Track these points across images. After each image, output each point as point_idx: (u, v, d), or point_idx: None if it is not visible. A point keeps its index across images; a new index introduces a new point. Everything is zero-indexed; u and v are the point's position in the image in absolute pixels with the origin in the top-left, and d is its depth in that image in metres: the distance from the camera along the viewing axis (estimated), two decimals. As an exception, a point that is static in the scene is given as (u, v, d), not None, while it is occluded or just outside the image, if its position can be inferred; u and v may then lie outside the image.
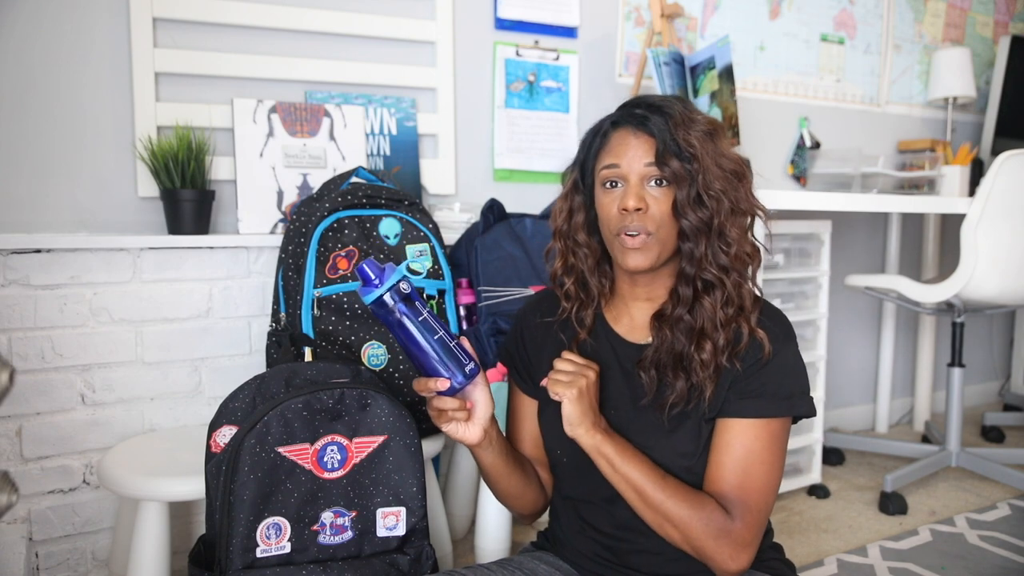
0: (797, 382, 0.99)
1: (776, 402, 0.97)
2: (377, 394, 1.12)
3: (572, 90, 2.20)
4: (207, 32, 1.73)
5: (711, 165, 0.95)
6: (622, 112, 1.01)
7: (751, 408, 0.96)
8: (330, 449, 1.09)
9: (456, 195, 2.03)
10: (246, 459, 1.04)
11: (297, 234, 1.52)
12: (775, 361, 0.97)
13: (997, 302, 2.18)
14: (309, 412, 1.08)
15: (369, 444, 1.11)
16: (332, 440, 1.10)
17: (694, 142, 0.95)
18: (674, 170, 0.95)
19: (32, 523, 1.54)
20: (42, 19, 1.58)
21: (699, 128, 0.97)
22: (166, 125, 1.67)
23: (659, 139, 0.96)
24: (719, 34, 2.41)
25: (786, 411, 0.97)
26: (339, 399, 1.10)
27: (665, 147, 0.95)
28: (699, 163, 0.95)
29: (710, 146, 0.96)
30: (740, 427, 0.96)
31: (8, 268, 1.49)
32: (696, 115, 0.98)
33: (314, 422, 1.09)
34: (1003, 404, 3.22)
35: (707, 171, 0.95)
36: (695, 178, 0.95)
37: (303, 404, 1.08)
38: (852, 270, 2.75)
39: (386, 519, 1.12)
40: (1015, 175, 2.03)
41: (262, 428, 1.05)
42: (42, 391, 1.53)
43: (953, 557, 1.83)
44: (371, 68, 1.89)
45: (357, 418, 1.11)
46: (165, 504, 1.33)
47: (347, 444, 1.10)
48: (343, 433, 1.10)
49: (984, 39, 3.06)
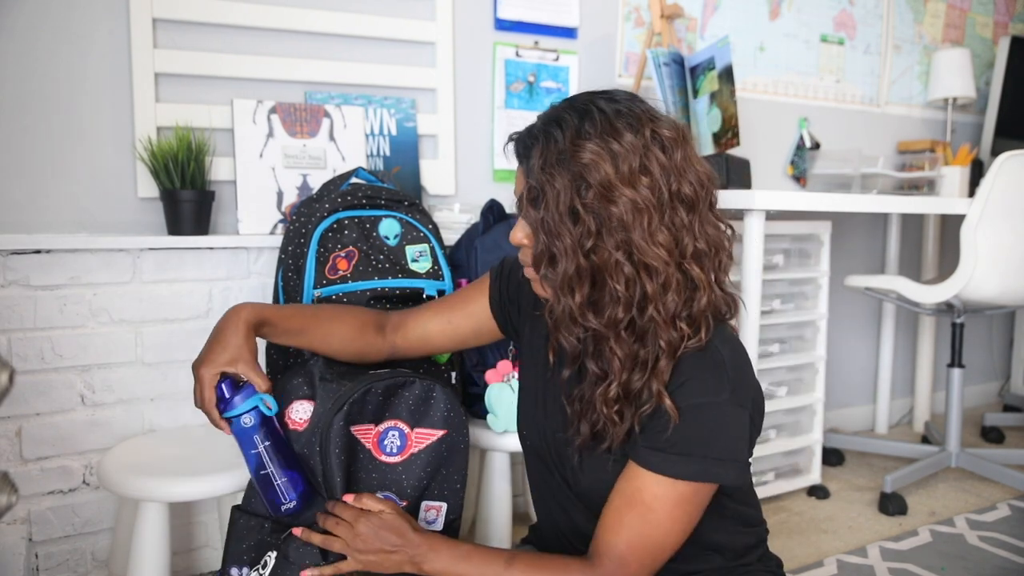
0: (718, 444, 0.85)
1: (687, 463, 0.85)
2: (441, 388, 1.13)
3: (572, 91, 2.20)
4: (207, 33, 1.73)
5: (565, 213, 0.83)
6: (519, 134, 0.93)
7: (657, 462, 0.85)
8: (391, 434, 1.10)
9: (456, 195, 2.03)
10: (336, 441, 1.03)
11: (297, 235, 1.52)
12: (695, 415, 0.85)
13: (997, 303, 2.18)
14: (385, 396, 1.09)
15: (429, 436, 1.12)
16: (395, 425, 1.10)
17: (553, 184, 0.83)
18: (530, 218, 0.87)
19: (32, 524, 1.54)
20: (42, 20, 1.58)
21: (580, 161, 0.82)
22: (166, 126, 1.67)
23: (527, 176, 0.87)
24: (719, 35, 2.41)
25: (696, 476, 0.85)
26: (406, 387, 1.11)
27: (526, 189, 0.87)
28: (551, 209, 0.83)
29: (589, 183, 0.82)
30: (644, 479, 0.86)
31: (8, 269, 1.49)
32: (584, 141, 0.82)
33: (383, 406, 1.10)
34: (1003, 405, 3.22)
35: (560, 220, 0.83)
36: (544, 227, 0.85)
37: (383, 389, 1.09)
38: (852, 271, 2.75)
39: (428, 512, 1.13)
40: (1015, 176, 2.03)
41: (348, 410, 1.05)
42: (42, 392, 1.53)
43: (953, 558, 1.83)
44: (371, 69, 1.89)
45: (421, 409, 1.12)
46: (165, 505, 1.33)
47: (408, 432, 1.11)
48: (406, 420, 1.11)
49: (984, 40, 3.06)
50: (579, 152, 0.82)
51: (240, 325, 1.00)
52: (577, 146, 0.83)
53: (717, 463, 0.86)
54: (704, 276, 0.86)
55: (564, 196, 0.83)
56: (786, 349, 2.22)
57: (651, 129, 0.85)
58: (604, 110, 0.85)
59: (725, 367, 0.87)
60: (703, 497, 0.89)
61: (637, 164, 0.83)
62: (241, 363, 0.98)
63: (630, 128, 0.84)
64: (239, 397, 0.97)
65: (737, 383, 0.87)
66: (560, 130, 0.85)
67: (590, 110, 0.85)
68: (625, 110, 0.85)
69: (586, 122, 0.84)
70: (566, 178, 0.83)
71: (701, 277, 0.86)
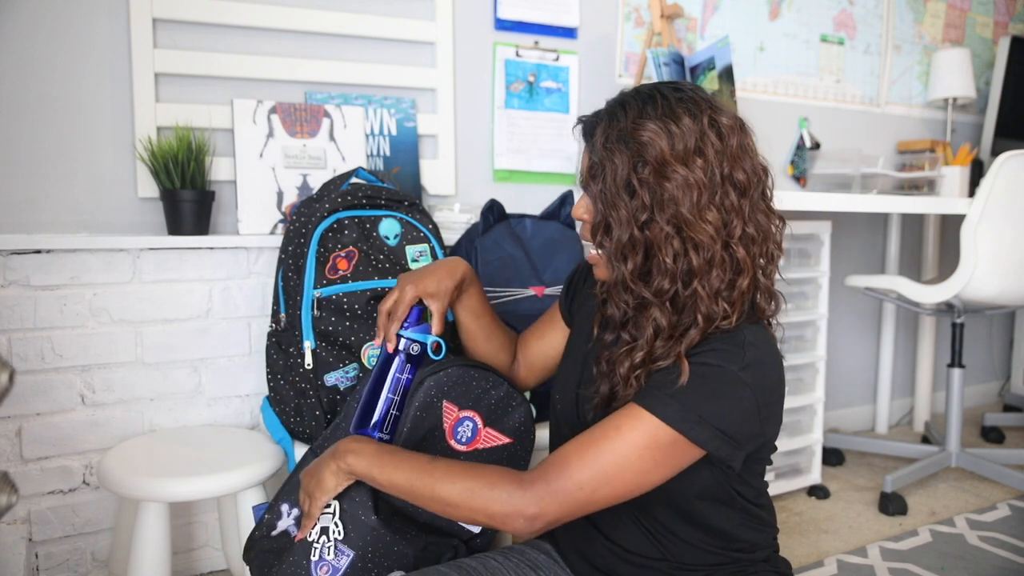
0: (711, 408, 0.86)
1: (671, 407, 0.85)
2: (523, 399, 1.18)
3: (572, 91, 2.20)
4: (207, 33, 1.73)
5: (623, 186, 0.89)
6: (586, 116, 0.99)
7: (644, 396, 0.88)
8: (466, 423, 1.13)
9: (456, 196, 2.03)
10: (422, 397, 1.08)
11: (297, 234, 1.52)
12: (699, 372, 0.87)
13: (997, 303, 2.18)
14: (478, 383, 1.13)
15: (497, 439, 1.15)
16: (472, 416, 1.13)
17: (612, 160, 0.90)
18: (592, 192, 0.93)
19: (32, 524, 1.54)
20: (42, 20, 1.58)
21: (639, 139, 0.88)
22: (166, 126, 1.67)
23: (590, 153, 0.93)
24: (719, 35, 2.41)
25: (676, 422, 0.85)
26: (496, 385, 1.15)
27: (590, 164, 0.93)
28: (610, 183, 0.90)
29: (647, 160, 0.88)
30: (626, 409, 0.88)
31: (8, 269, 1.49)
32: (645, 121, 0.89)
33: (470, 393, 1.12)
34: (1003, 405, 3.22)
35: (617, 193, 0.90)
36: (603, 199, 0.92)
37: (478, 374, 1.13)
38: (852, 271, 2.75)
39: None
40: (1015, 176, 2.03)
41: (443, 377, 1.10)
42: (42, 392, 1.53)
43: (953, 558, 1.83)
44: (371, 69, 1.89)
45: (499, 411, 1.15)
46: (165, 505, 1.33)
47: (480, 428, 1.14)
48: (483, 415, 1.14)
49: (984, 40, 3.06)
50: (639, 131, 0.89)
51: (458, 271, 1.14)
52: (637, 125, 0.89)
53: (701, 424, 0.85)
54: (749, 260, 0.91)
55: (622, 171, 0.89)
56: (786, 349, 2.22)
57: (709, 116, 0.91)
58: (667, 96, 0.91)
59: (744, 347, 0.89)
60: (676, 457, 0.87)
61: (692, 145, 0.88)
62: (437, 301, 1.09)
63: (688, 113, 0.90)
64: (419, 327, 1.06)
65: (752, 365, 0.88)
66: (624, 111, 0.91)
67: (654, 95, 0.91)
68: (687, 97, 0.92)
69: (648, 105, 0.90)
70: (625, 154, 0.89)
71: (746, 260, 0.90)
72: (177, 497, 1.30)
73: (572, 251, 1.83)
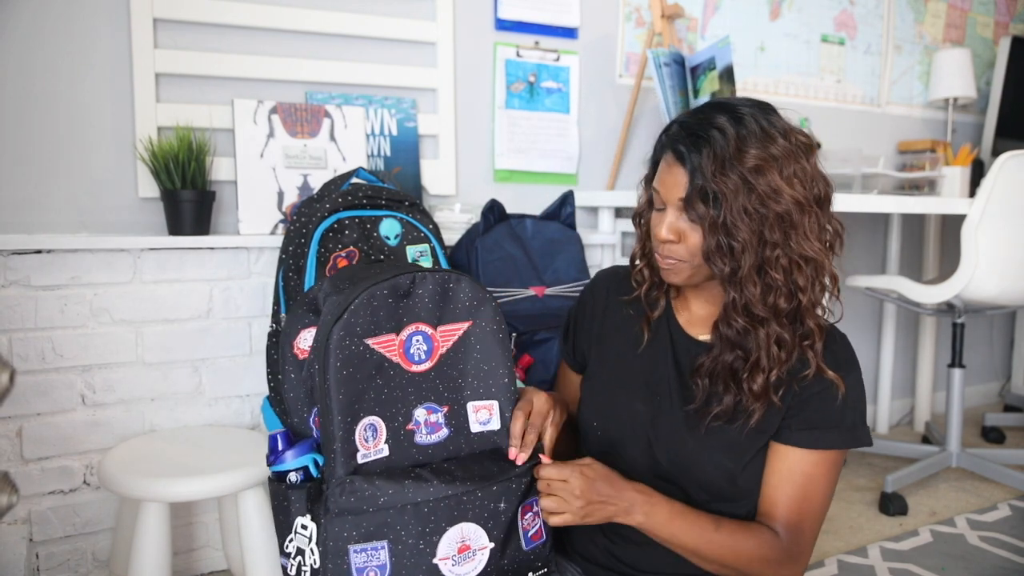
0: (858, 412, 0.99)
1: (839, 434, 0.98)
2: (458, 276, 1.02)
3: (572, 91, 2.20)
4: (207, 33, 1.73)
5: (740, 212, 0.91)
6: (670, 136, 0.98)
7: (813, 439, 0.97)
8: (415, 339, 1.00)
9: (456, 196, 2.03)
10: (336, 353, 0.93)
11: (297, 235, 1.52)
12: (838, 391, 0.97)
13: (997, 303, 2.18)
14: (394, 298, 0.98)
15: (454, 332, 1.02)
16: (417, 329, 1.00)
17: (727, 186, 0.91)
18: (699, 214, 0.93)
19: (32, 524, 1.54)
20: (43, 21, 1.58)
21: (745, 164, 0.91)
22: (166, 126, 1.67)
23: (692, 177, 0.93)
24: (719, 35, 2.41)
25: (848, 443, 0.98)
26: (420, 282, 1.00)
27: (693, 188, 0.93)
28: (727, 209, 0.91)
29: (755, 185, 0.91)
30: (799, 456, 0.98)
31: (8, 269, 1.49)
32: (747, 146, 0.92)
33: (398, 310, 0.98)
34: (1003, 405, 3.22)
35: (736, 219, 0.91)
36: (719, 224, 0.92)
37: (388, 289, 0.98)
38: (852, 271, 2.75)
39: (478, 413, 1.04)
40: (1016, 176, 2.03)
41: (349, 318, 0.94)
42: (42, 392, 1.53)
43: (953, 558, 1.83)
44: (372, 69, 1.89)
45: (441, 304, 1.01)
46: (166, 505, 1.33)
47: (431, 333, 1.01)
48: (427, 321, 1.00)
49: (984, 40, 3.06)
50: (744, 156, 0.91)
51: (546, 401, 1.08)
52: (741, 151, 0.91)
53: (862, 428, 0.99)
54: (828, 262, 0.99)
55: (738, 197, 0.91)
56: (787, 349, 2.22)
57: (794, 136, 0.96)
58: (756, 117, 0.95)
59: (847, 341, 1.03)
60: (844, 459, 1.02)
61: (791, 168, 0.93)
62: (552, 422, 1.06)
63: (781, 135, 0.95)
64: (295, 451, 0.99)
65: (854, 355, 1.02)
66: (722, 135, 0.92)
67: (742, 117, 0.94)
68: (770, 120, 0.96)
69: (742, 128, 0.93)
70: (736, 180, 0.91)
71: (829, 264, 0.99)
72: (178, 497, 1.30)
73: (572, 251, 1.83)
